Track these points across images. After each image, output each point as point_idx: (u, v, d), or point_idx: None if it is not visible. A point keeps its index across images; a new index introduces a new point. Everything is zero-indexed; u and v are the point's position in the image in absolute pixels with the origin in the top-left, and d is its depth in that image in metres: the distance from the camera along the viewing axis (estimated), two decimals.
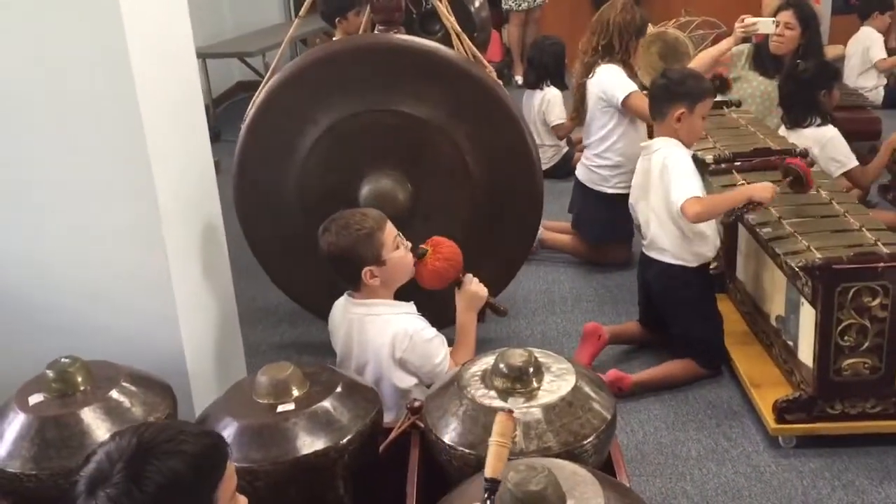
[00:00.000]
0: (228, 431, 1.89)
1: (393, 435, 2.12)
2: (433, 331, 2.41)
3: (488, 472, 1.59)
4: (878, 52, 5.83)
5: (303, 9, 3.31)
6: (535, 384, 1.93)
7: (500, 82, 3.20)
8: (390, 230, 2.40)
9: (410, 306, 2.46)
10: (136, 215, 2.28)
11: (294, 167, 3.01)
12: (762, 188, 2.82)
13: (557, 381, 1.95)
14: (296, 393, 1.99)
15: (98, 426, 1.91)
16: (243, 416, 1.94)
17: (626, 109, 3.75)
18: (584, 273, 3.94)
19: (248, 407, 1.98)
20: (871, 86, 5.85)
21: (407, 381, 2.40)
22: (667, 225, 2.94)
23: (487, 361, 2.02)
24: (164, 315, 2.35)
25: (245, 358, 2.91)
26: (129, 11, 2.16)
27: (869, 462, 2.56)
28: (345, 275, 2.43)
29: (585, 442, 1.85)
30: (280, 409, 1.95)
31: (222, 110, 6.78)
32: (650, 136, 3.33)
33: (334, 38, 4.85)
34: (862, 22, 6.10)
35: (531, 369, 1.94)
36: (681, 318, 3.02)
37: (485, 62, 3.24)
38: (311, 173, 3.00)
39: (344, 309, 2.49)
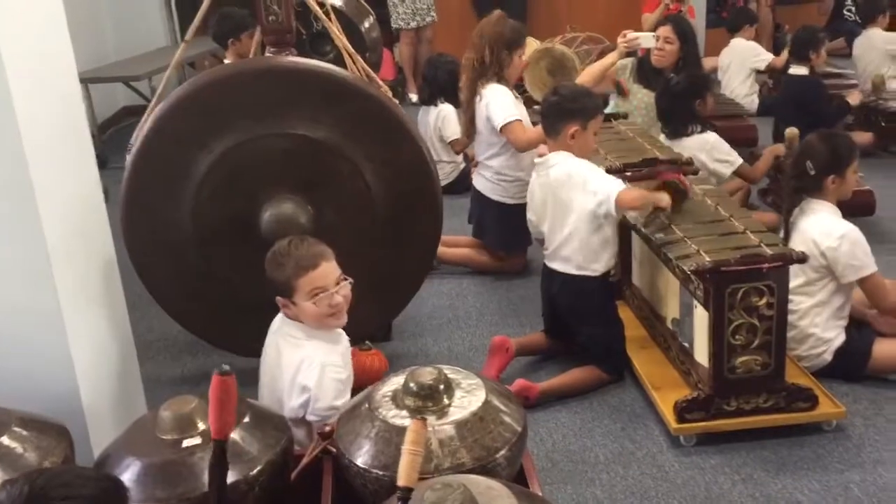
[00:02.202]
0: (132, 471, 1.83)
1: (304, 462, 2.09)
2: (346, 373, 2.39)
3: (401, 480, 1.59)
4: (765, 56, 6.13)
5: (189, 32, 3.24)
6: (445, 401, 1.94)
7: (396, 100, 3.21)
8: (310, 280, 2.33)
9: (340, 338, 2.44)
10: (21, 249, 2.18)
11: (187, 195, 2.92)
12: (663, 197, 2.95)
13: (468, 397, 1.96)
14: (202, 426, 1.93)
15: None
16: (147, 454, 1.88)
17: (503, 135, 3.82)
18: (486, 286, 3.99)
19: (152, 444, 1.91)
20: (745, 93, 6.15)
21: (296, 411, 2.36)
22: (574, 236, 3.00)
23: (397, 381, 2.01)
24: (56, 353, 2.24)
25: (144, 393, 2.81)
26: (5, 37, 2.07)
27: (765, 455, 2.68)
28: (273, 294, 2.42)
29: (498, 455, 1.87)
30: (185, 444, 1.89)
31: (108, 136, 6.56)
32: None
33: (225, 61, 4.78)
34: (732, 34, 6.42)
35: (441, 386, 1.95)
36: (585, 326, 3.09)
37: (379, 81, 3.25)
38: (207, 201, 2.92)
39: (275, 327, 2.49)
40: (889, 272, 3.16)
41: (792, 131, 4.27)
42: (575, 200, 2.97)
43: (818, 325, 2.97)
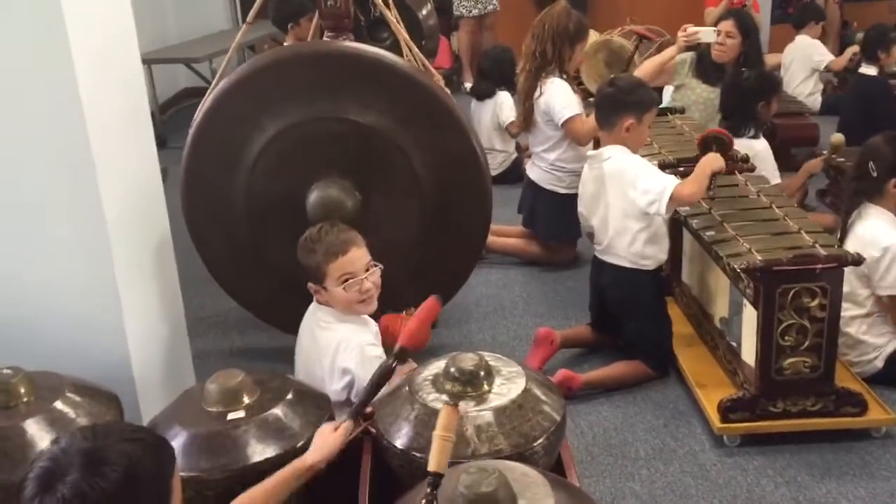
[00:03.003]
0: (177, 440, 1.88)
1: (345, 441, 2.12)
2: (381, 351, 2.42)
3: (432, 465, 1.61)
4: (826, 56, 5.99)
5: (250, 14, 3.29)
6: (485, 387, 1.96)
7: (448, 90, 3.22)
8: (340, 266, 2.37)
9: (368, 324, 2.47)
10: (81, 225, 2.25)
11: (242, 174, 2.98)
12: (713, 158, 2.91)
13: (508, 384, 1.97)
14: (246, 400, 1.98)
15: (42, 437, 1.89)
16: (192, 425, 1.93)
17: (564, 129, 3.81)
18: (534, 277, 3.98)
19: (198, 415, 1.97)
20: (808, 92, 6.01)
21: (338, 394, 2.37)
22: (625, 231, 2.98)
23: (438, 366, 2.03)
24: (110, 324, 2.32)
25: (194, 366, 2.88)
26: (73, 18, 2.13)
27: (810, 458, 2.63)
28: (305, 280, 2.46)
29: (535, 444, 1.88)
30: (230, 416, 1.94)
31: (168, 117, 6.70)
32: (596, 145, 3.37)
33: (284, 44, 4.84)
34: (797, 31, 6.28)
35: (482, 373, 1.96)
36: (634, 320, 3.07)
37: (433, 70, 3.26)
38: (259, 180, 2.98)
39: (310, 311, 2.53)
40: None
41: (837, 137, 4.18)
42: (626, 196, 2.94)
43: (867, 333, 2.91)
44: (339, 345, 2.36)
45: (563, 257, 4.03)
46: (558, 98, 3.81)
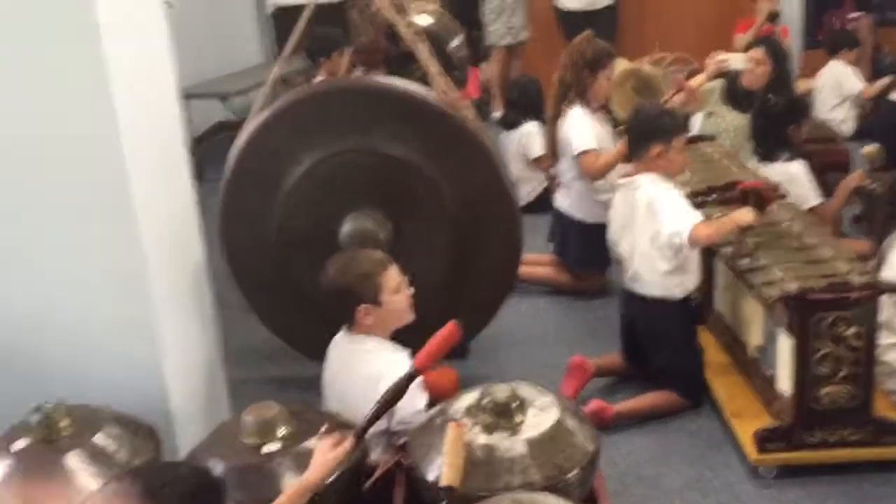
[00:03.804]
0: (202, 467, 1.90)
1: (378, 473, 2.14)
2: (420, 377, 2.43)
3: (445, 479, 1.66)
4: (857, 83, 5.95)
5: (286, 50, 3.37)
6: (518, 419, 1.97)
7: (479, 123, 3.25)
8: (393, 274, 2.46)
9: (404, 351, 2.48)
10: (120, 260, 2.30)
11: (278, 206, 3.04)
12: (743, 214, 2.88)
13: (541, 415, 1.98)
14: (281, 433, 2.00)
15: (82, 470, 1.92)
16: (228, 458, 1.96)
17: (576, 162, 3.83)
18: (565, 306, 3.98)
19: (234, 448, 1.99)
20: (841, 118, 5.97)
21: (379, 423, 2.39)
22: (652, 259, 2.97)
23: (472, 397, 2.05)
24: (147, 357, 2.36)
25: (229, 396, 2.91)
26: (113, 55, 2.20)
27: (848, 490, 2.60)
28: (341, 311, 2.48)
29: (569, 475, 1.88)
30: (265, 449, 1.97)
31: (204, 149, 6.81)
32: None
33: (317, 79, 4.92)
34: (830, 57, 6.24)
35: (514, 404, 1.98)
36: (664, 350, 3.06)
37: (463, 101, 3.30)
38: (294, 212, 3.04)
39: (338, 344, 2.53)
40: None
41: (870, 148, 4.12)
42: (651, 227, 2.95)
43: None
44: (381, 378, 2.37)
45: (594, 286, 4.03)
46: (575, 129, 3.83)
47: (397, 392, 2.04)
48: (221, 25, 7.40)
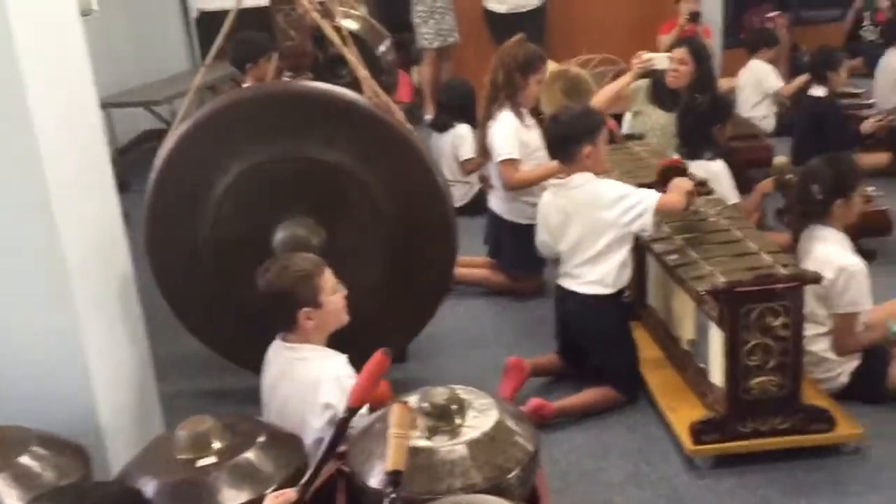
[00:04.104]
0: (148, 490, 1.85)
1: (317, 482, 2.10)
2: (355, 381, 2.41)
3: (389, 465, 1.65)
4: (777, 82, 6.12)
5: (208, 57, 3.30)
6: (458, 421, 1.96)
7: (410, 126, 3.24)
8: (329, 275, 2.45)
9: (341, 355, 2.46)
10: (43, 271, 2.23)
11: (206, 215, 2.98)
12: (681, 182, 3.01)
13: (480, 417, 1.98)
14: (217, 446, 1.96)
15: (7, 494, 1.84)
16: (163, 474, 1.91)
17: (497, 169, 3.85)
18: (502, 307, 4.00)
19: (168, 463, 1.94)
20: (762, 115, 6.13)
21: (322, 430, 2.35)
22: (600, 255, 3.00)
23: (411, 401, 2.03)
24: (75, 372, 2.29)
25: (161, 411, 2.84)
26: (28, 65, 2.13)
27: (780, 477, 2.66)
28: (280, 315, 2.45)
29: (510, 475, 1.88)
30: (200, 463, 1.92)
31: (129, 160, 6.64)
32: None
33: (244, 85, 4.85)
34: (750, 56, 6.42)
35: (454, 406, 1.97)
36: (599, 346, 3.09)
37: (394, 105, 3.28)
38: (224, 221, 2.97)
39: (275, 351, 2.49)
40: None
41: (780, 160, 4.27)
42: (604, 219, 2.97)
43: (829, 350, 2.95)
44: (319, 381, 2.35)
45: (530, 287, 4.06)
46: (499, 135, 3.85)
47: (336, 440, 1.95)
48: (145, 32, 7.25)
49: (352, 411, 1.97)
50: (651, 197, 2.92)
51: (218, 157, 2.92)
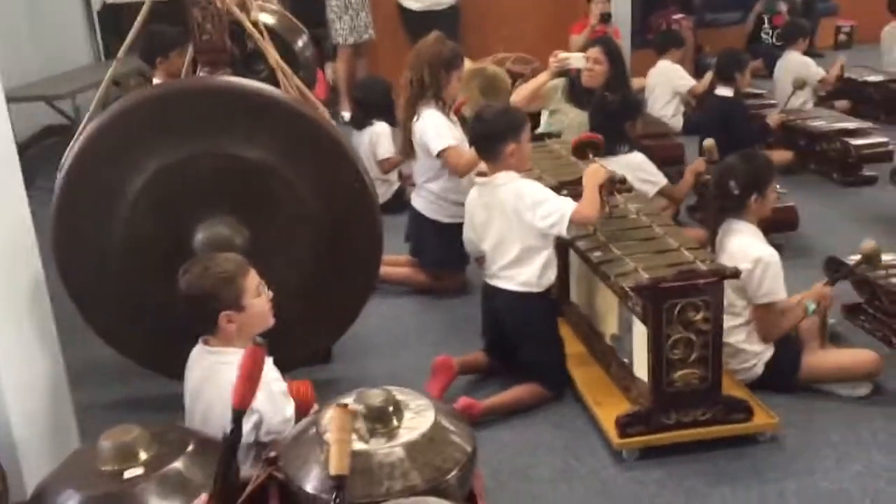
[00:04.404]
0: None
1: (249, 489, 2.04)
2: (285, 384, 2.36)
3: (333, 469, 1.62)
4: (688, 81, 6.29)
5: (122, 49, 3.18)
6: (395, 423, 1.94)
7: (333, 121, 3.19)
8: (253, 277, 2.39)
9: (268, 359, 2.39)
10: None
11: (119, 216, 2.86)
12: (594, 170, 3.04)
13: (417, 418, 1.96)
14: (143, 456, 1.89)
15: None
16: (86, 487, 1.82)
17: (440, 160, 3.84)
18: (425, 305, 3.98)
19: (91, 475, 1.86)
20: (672, 114, 6.30)
21: (247, 436, 2.28)
22: (522, 254, 3.01)
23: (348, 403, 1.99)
24: None
25: (76, 421, 2.72)
26: None
27: (704, 467, 2.73)
28: (201, 318, 2.37)
29: (449, 476, 1.87)
30: (127, 474, 1.84)
31: (29, 156, 6.34)
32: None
33: (154, 80, 4.69)
34: (659, 56, 6.58)
35: (390, 408, 1.94)
36: (528, 343, 3.11)
37: (315, 101, 3.23)
38: (139, 221, 2.86)
39: (198, 356, 2.41)
40: (807, 284, 3.24)
41: (709, 142, 4.42)
42: (524, 220, 2.98)
43: (745, 341, 3.05)
44: None
45: (452, 285, 4.06)
46: (431, 128, 3.84)
47: (231, 445, 1.83)
48: (45, 24, 6.92)
49: (237, 413, 1.84)
50: (567, 206, 2.92)
51: (133, 155, 2.81)
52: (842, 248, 4.08)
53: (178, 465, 1.87)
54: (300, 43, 5.10)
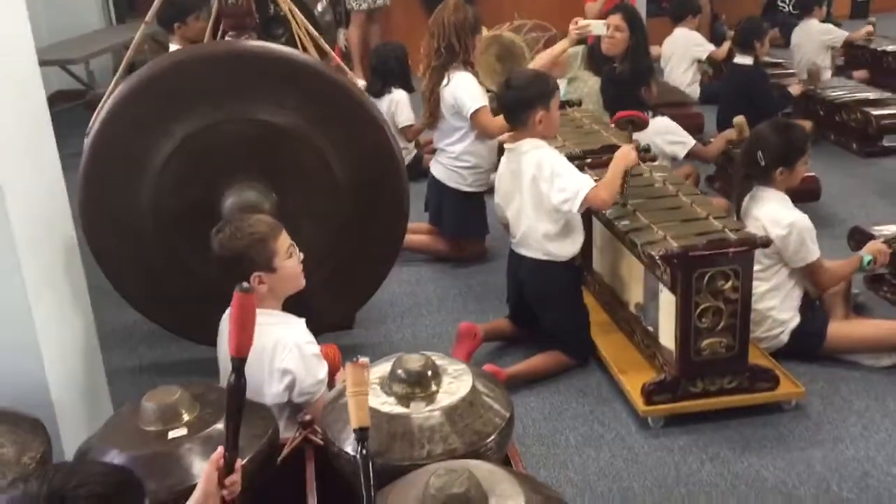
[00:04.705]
0: (117, 463, 1.77)
1: (286, 451, 2.07)
2: (318, 347, 2.37)
3: (354, 422, 1.67)
4: (707, 47, 6.23)
5: (150, 13, 3.16)
6: (433, 387, 1.94)
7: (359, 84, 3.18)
8: (284, 238, 2.38)
9: (300, 320, 2.40)
10: None
11: (147, 183, 2.86)
12: (626, 153, 3.00)
13: (456, 383, 1.97)
14: (186, 417, 1.91)
15: None
16: (131, 447, 1.84)
17: (472, 122, 3.83)
18: (446, 273, 3.99)
19: (136, 436, 1.87)
20: (689, 82, 6.26)
21: (279, 396, 2.33)
22: (539, 222, 3.02)
23: (384, 368, 2.00)
24: (24, 345, 2.18)
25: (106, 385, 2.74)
26: None
27: (730, 434, 2.75)
28: (233, 279, 2.35)
29: (489, 440, 1.88)
30: (172, 435, 1.86)
31: None
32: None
33: (171, 46, 4.67)
34: (675, 24, 6.53)
35: (429, 373, 1.95)
36: (552, 311, 3.12)
37: (344, 66, 3.21)
38: (167, 189, 2.86)
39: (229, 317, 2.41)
40: (832, 254, 3.25)
41: (740, 119, 4.41)
42: (541, 191, 2.98)
43: (774, 308, 3.06)
44: (276, 346, 2.29)
45: (472, 254, 4.06)
46: (466, 90, 3.82)
47: (234, 394, 1.77)
48: None
49: (236, 361, 1.77)
50: (585, 185, 2.90)
51: (161, 121, 2.80)
52: (864, 218, 4.11)
53: (220, 426, 1.88)
54: (320, 7, 5.06)
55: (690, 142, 4.17)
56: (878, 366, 3.06)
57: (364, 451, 1.68)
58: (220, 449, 1.72)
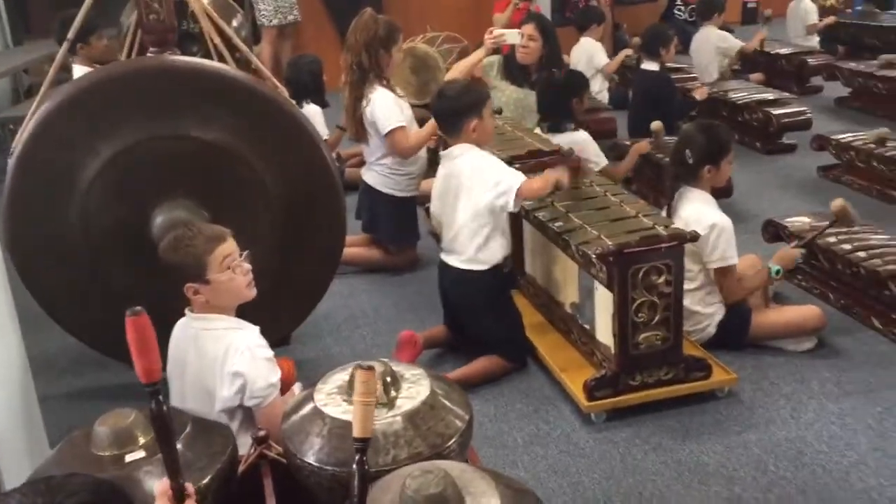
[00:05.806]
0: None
1: (241, 468, 2.03)
2: (271, 352, 2.35)
3: (357, 432, 1.64)
4: (603, 59, 6.44)
5: (71, 30, 3.07)
6: (394, 393, 1.95)
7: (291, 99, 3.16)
8: (222, 251, 2.32)
9: (254, 327, 2.37)
10: None
11: (75, 202, 2.79)
12: (563, 173, 3.09)
13: (415, 387, 1.97)
14: (142, 440, 1.85)
15: None
16: (87, 472, 1.76)
17: (386, 142, 3.86)
18: (378, 283, 3.99)
19: (90, 461, 1.81)
20: (597, 90, 6.44)
21: (231, 400, 2.29)
22: (472, 227, 3.05)
23: (341, 378, 2.00)
24: None
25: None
26: None
27: (670, 424, 2.84)
28: (175, 286, 2.32)
29: (451, 442, 1.89)
30: (129, 458, 1.80)
31: None
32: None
33: (74, 66, 4.55)
34: (581, 33, 6.71)
35: (388, 379, 1.95)
36: (483, 319, 3.15)
37: (274, 80, 3.19)
38: (96, 206, 2.79)
39: (184, 325, 2.37)
40: (744, 249, 3.40)
41: (657, 124, 4.57)
42: (473, 192, 3.03)
43: (698, 303, 3.18)
44: (228, 350, 2.26)
45: (405, 261, 4.08)
46: (380, 109, 3.85)
47: (163, 421, 1.60)
48: None
49: (149, 388, 1.59)
50: (516, 179, 2.96)
51: (87, 139, 2.73)
52: (773, 211, 4.30)
53: (178, 446, 1.83)
54: (235, 23, 4.99)
55: (602, 162, 4.28)
56: (800, 349, 3.22)
57: (364, 462, 1.65)
58: (165, 480, 1.63)
